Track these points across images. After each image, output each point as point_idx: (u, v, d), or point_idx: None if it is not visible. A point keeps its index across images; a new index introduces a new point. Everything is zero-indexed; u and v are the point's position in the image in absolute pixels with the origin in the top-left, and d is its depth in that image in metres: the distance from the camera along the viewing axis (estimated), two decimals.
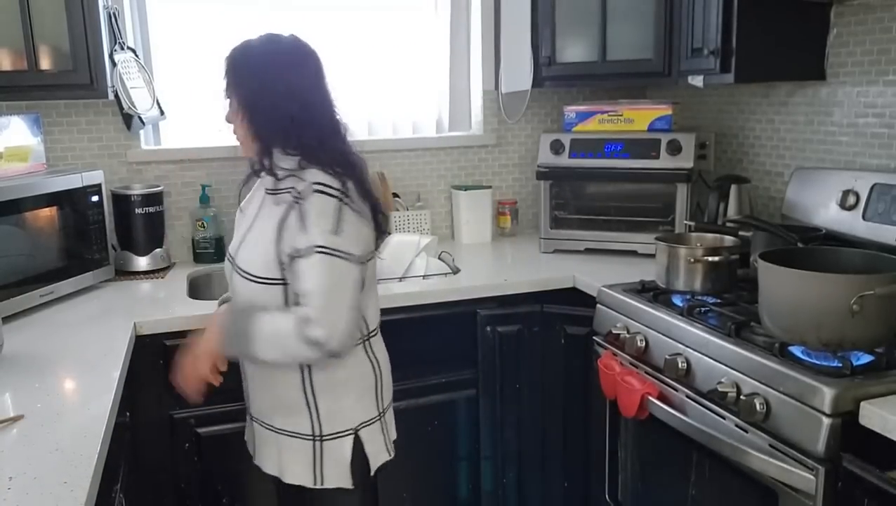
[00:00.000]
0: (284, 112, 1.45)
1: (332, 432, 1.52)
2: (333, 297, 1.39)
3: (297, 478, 1.54)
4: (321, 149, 1.46)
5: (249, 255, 1.50)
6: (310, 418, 1.51)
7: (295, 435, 1.53)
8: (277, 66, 1.47)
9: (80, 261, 2.04)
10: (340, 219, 1.41)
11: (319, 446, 1.52)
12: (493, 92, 2.74)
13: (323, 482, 1.53)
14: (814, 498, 1.31)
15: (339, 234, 1.40)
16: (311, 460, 1.53)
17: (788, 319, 1.44)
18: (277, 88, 1.45)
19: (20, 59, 1.97)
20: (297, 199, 1.43)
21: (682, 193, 2.26)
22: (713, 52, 2.01)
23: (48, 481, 1.05)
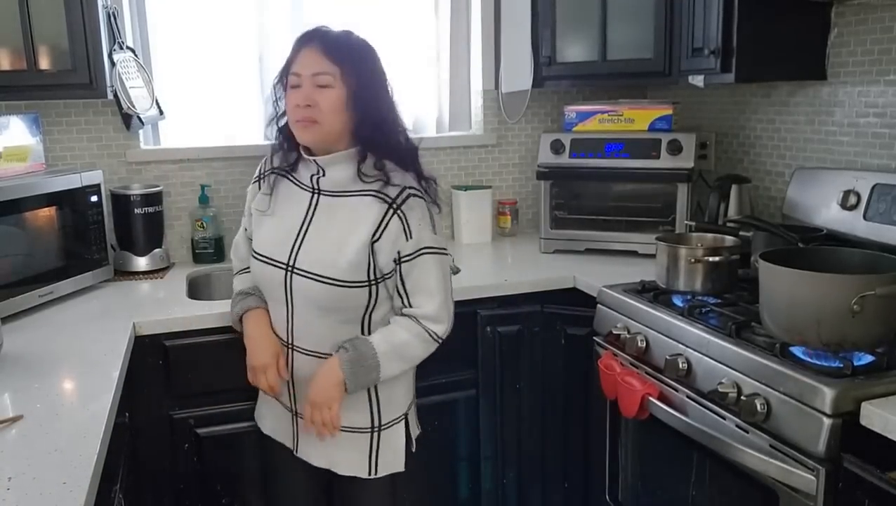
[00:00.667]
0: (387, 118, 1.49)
1: (388, 420, 1.57)
2: (446, 292, 1.52)
3: (351, 470, 1.57)
4: (400, 149, 1.51)
5: (329, 259, 1.46)
6: (370, 411, 1.55)
7: (352, 430, 1.55)
8: (384, 71, 1.52)
9: (80, 261, 2.04)
10: (433, 218, 1.51)
11: (377, 436, 1.57)
12: (493, 92, 2.74)
13: (377, 471, 1.57)
14: (814, 499, 1.31)
15: (437, 232, 1.50)
16: (368, 452, 1.56)
17: (789, 319, 1.44)
18: (389, 96, 1.51)
19: (19, 58, 1.97)
20: (393, 204, 1.45)
21: (683, 193, 2.26)
22: (714, 52, 2.00)
23: (48, 482, 1.05)
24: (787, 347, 1.45)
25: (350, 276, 1.45)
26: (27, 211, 1.90)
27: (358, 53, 1.48)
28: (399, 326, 1.49)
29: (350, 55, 1.45)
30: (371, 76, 1.47)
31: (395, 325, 1.50)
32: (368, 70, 1.47)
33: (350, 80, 1.43)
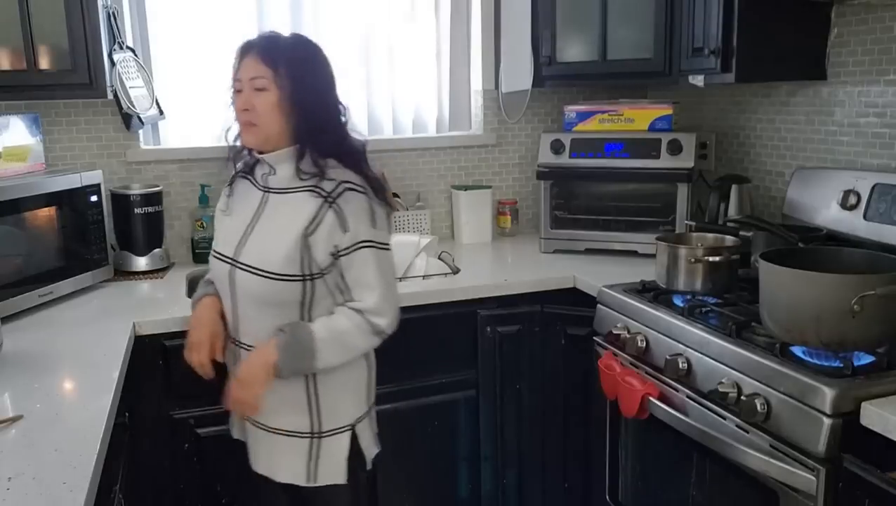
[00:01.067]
0: (328, 118, 1.52)
1: (330, 428, 1.54)
2: (388, 286, 1.51)
3: (289, 476, 1.56)
4: (344, 150, 1.52)
5: (265, 253, 1.49)
6: (310, 416, 1.53)
7: (291, 434, 1.54)
8: (328, 72, 1.54)
9: (80, 261, 2.04)
10: (374, 212, 1.49)
11: (317, 443, 1.54)
12: (493, 92, 2.74)
13: (316, 480, 1.55)
14: (814, 498, 1.31)
15: (378, 227, 1.49)
16: (307, 458, 1.54)
17: (789, 319, 1.44)
18: (330, 96, 1.53)
19: (19, 58, 1.97)
20: (328, 198, 1.46)
21: (683, 193, 2.26)
22: (714, 52, 2.00)
23: (48, 482, 1.05)
24: (788, 347, 1.45)
25: (284, 269, 1.47)
26: (27, 211, 1.90)
27: (294, 56, 1.50)
28: (341, 314, 1.49)
29: (285, 58, 1.48)
30: (308, 77, 1.50)
31: (337, 314, 1.50)
32: (305, 71, 1.50)
33: (284, 81, 1.47)
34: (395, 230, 2.62)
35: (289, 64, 1.48)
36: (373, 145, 2.62)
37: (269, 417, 1.55)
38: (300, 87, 1.48)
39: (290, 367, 1.46)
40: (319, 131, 1.51)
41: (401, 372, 2.08)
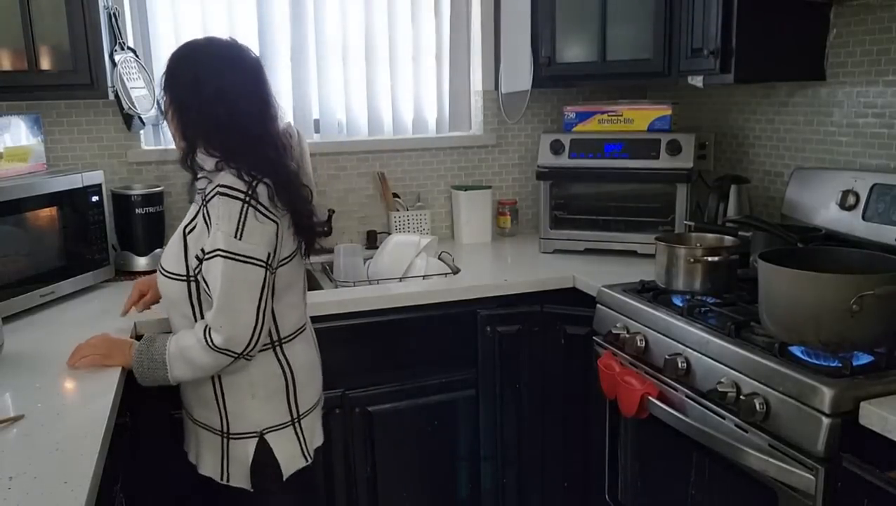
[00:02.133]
0: (210, 114, 1.45)
1: (237, 431, 1.56)
2: (231, 300, 1.41)
3: (207, 470, 1.60)
4: (241, 153, 1.45)
5: (166, 251, 1.57)
6: (219, 414, 1.56)
7: (208, 428, 1.58)
8: (210, 69, 1.47)
9: (81, 261, 2.04)
10: (244, 222, 1.41)
11: (227, 443, 1.57)
12: (493, 92, 2.74)
13: (229, 479, 1.58)
14: (813, 498, 1.31)
15: (242, 237, 1.40)
16: (220, 456, 1.58)
17: (788, 319, 1.45)
18: (206, 91, 1.45)
19: (20, 59, 1.98)
20: (203, 199, 1.45)
21: (682, 193, 2.26)
22: (713, 53, 2.01)
23: (48, 481, 1.05)
24: (787, 347, 1.46)
25: (173, 267, 1.51)
26: (28, 211, 1.90)
27: (177, 62, 1.50)
28: (193, 329, 1.47)
29: (169, 65, 1.50)
30: (189, 82, 1.47)
31: (193, 328, 1.49)
32: (184, 76, 1.48)
33: (170, 89, 1.49)
34: (395, 230, 2.62)
35: (168, 84, 1.49)
36: (373, 145, 2.67)
37: (193, 407, 1.61)
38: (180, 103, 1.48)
39: (143, 376, 1.50)
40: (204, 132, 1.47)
41: (401, 372, 2.08)
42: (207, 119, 1.46)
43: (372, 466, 2.09)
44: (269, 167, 1.47)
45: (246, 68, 1.51)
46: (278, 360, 1.56)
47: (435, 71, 2.74)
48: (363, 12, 2.60)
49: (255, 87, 1.51)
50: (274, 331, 1.54)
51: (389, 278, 2.21)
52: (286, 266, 1.53)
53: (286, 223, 1.50)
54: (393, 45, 2.66)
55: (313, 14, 2.54)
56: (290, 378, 1.58)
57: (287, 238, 1.51)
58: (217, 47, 1.51)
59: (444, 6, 2.69)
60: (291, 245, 1.54)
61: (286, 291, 1.55)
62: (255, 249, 1.42)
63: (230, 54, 1.51)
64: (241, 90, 1.48)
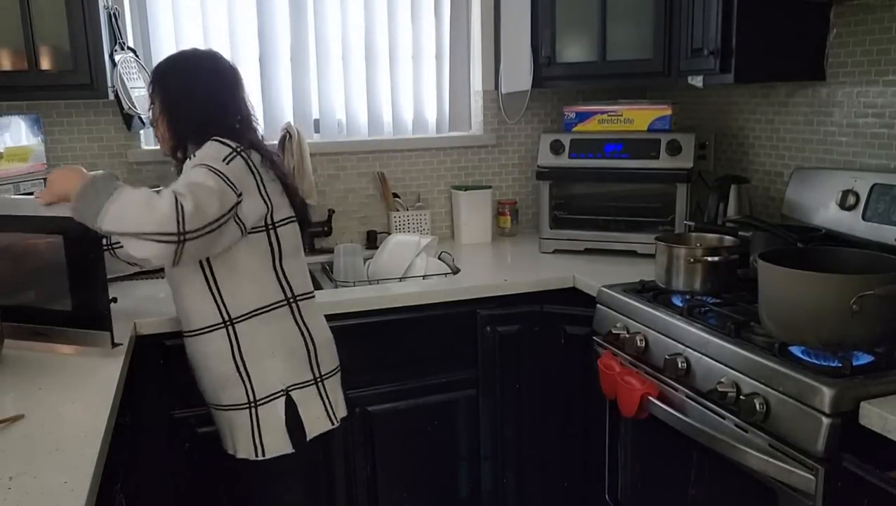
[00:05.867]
0: (202, 114, 1.60)
1: (263, 395, 1.60)
2: (202, 190, 1.45)
3: (243, 451, 1.63)
4: (230, 134, 1.59)
5: None
6: (244, 385, 1.60)
7: (237, 407, 1.61)
8: (198, 75, 1.64)
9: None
10: (231, 160, 1.53)
11: (255, 412, 1.60)
12: (493, 92, 2.74)
13: (264, 453, 1.61)
14: (813, 498, 1.31)
15: (228, 165, 1.51)
16: (251, 430, 1.61)
17: (788, 319, 1.45)
18: (197, 94, 1.62)
19: (20, 59, 1.98)
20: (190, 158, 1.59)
21: (682, 193, 2.27)
22: (713, 53, 2.01)
23: (48, 481, 1.05)
24: (787, 347, 1.46)
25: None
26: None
27: (165, 70, 1.66)
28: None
29: (157, 74, 1.66)
30: (173, 87, 1.63)
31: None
32: (170, 83, 1.64)
33: (156, 96, 1.65)
34: (395, 230, 2.62)
35: (156, 81, 1.66)
36: (373, 145, 2.67)
37: (218, 394, 1.64)
38: (168, 99, 1.64)
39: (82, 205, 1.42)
40: (197, 130, 1.60)
41: (401, 372, 2.08)
42: (200, 118, 1.60)
43: (372, 466, 2.09)
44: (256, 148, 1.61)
45: (227, 74, 1.67)
46: (294, 317, 1.64)
47: (435, 71, 2.74)
48: (363, 12, 2.59)
49: (235, 89, 1.67)
50: (288, 288, 1.64)
51: (389, 278, 2.21)
52: (286, 227, 1.63)
53: (278, 189, 1.61)
54: (393, 45, 2.66)
55: (313, 14, 2.54)
56: (309, 336, 1.65)
57: (280, 203, 1.61)
58: (198, 56, 1.68)
59: (444, 6, 2.69)
60: (287, 211, 1.64)
61: (294, 255, 1.66)
62: (234, 178, 1.51)
63: (211, 61, 1.68)
64: (225, 92, 1.65)
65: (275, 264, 1.61)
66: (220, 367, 1.61)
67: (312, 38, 2.56)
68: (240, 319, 1.60)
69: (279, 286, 1.62)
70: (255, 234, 1.58)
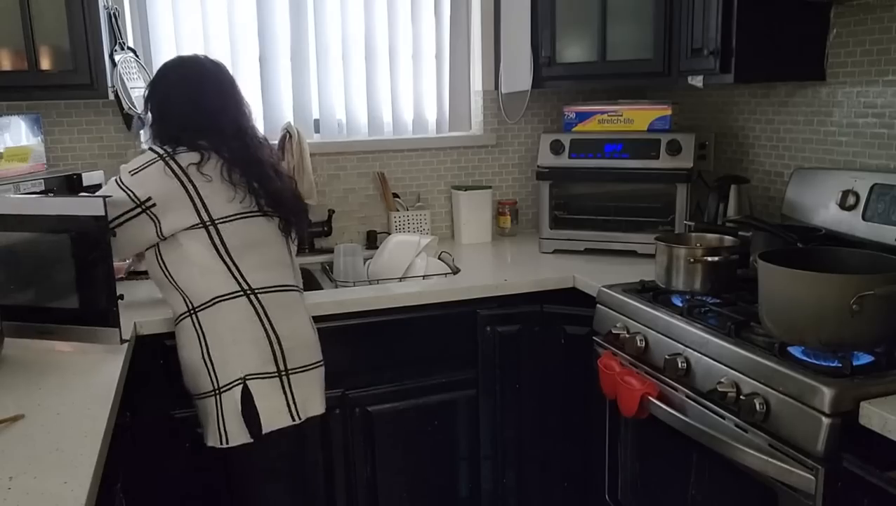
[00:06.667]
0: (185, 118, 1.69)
1: (225, 383, 1.63)
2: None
3: (211, 439, 1.66)
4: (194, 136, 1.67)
5: None
6: (208, 373, 1.63)
7: (205, 395, 1.66)
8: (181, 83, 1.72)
9: None
10: (144, 168, 1.63)
11: (220, 400, 1.63)
12: (493, 92, 2.74)
13: (228, 441, 1.63)
14: (813, 498, 1.31)
15: (133, 175, 1.63)
16: (216, 418, 1.64)
17: (788, 319, 1.45)
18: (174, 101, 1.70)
19: (20, 59, 1.98)
20: None
21: (682, 193, 2.27)
22: (713, 53, 2.01)
23: (48, 481, 1.05)
24: (786, 347, 1.46)
25: None
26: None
27: (151, 81, 1.77)
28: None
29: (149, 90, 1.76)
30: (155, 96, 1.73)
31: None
32: (159, 91, 1.73)
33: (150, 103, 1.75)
34: (395, 230, 2.62)
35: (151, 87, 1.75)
36: (373, 146, 2.67)
37: (191, 383, 1.69)
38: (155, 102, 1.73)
39: None
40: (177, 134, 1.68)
41: (401, 372, 2.08)
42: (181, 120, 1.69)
43: (372, 466, 2.09)
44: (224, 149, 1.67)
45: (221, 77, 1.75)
46: (253, 306, 1.65)
47: (435, 71, 2.74)
48: (363, 12, 2.59)
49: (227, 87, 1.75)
50: (243, 281, 1.66)
51: (389, 278, 2.21)
52: (233, 224, 1.66)
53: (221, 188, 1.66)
54: (393, 45, 2.66)
55: (313, 14, 2.54)
56: (271, 329, 1.66)
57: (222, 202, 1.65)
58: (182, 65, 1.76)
59: (444, 6, 2.69)
60: (234, 208, 1.67)
61: (250, 249, 1.69)
62: (137, 187, 1.62)
63: (196, 66, 1.75)
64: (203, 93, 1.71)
65: (222, 257, 1.65)
66: (190, 355, 1.67)
67: (312, 38, 2.56)
68: (201, 307, 1.65)
69: (232, 277, 1.66)
70: (194, 229, 1.64)
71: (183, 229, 1.64)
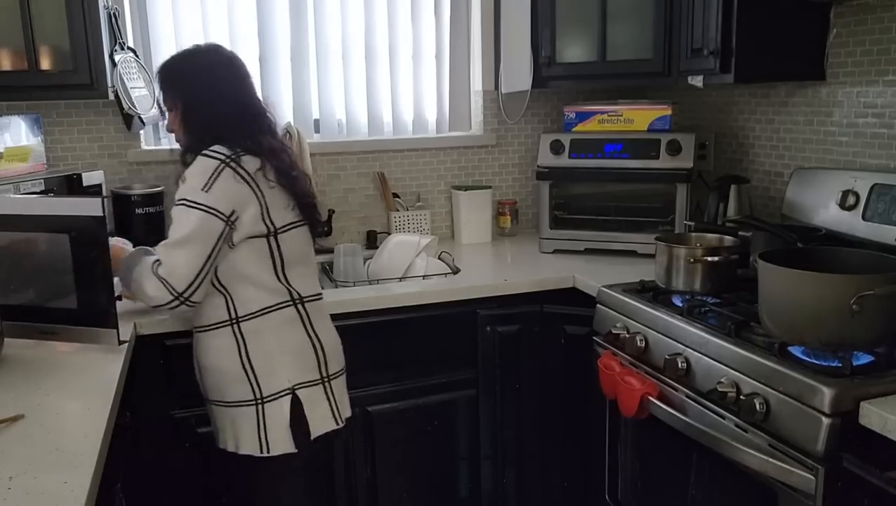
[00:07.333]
0: (218, 112, 1.61)
1: (270, 393, 1.61)
2: (183, 241, 1.52)
3: (247, 447, 1.62)
4: (242, 137, 1.60)
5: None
6: (249, 382, 1.60)
7: (243, 403, 1.61)
8: (206, 74, 1.64)
9: None
10: (214, 178, 1.53)
11: (262, 409, 1.61)
12: (493, 92, 2.74)
13: (269, 449, 1.61)
14: (813, 498, 1.31)
15: (209, 190, 1.52)
16: (256, 426, 1.61)
17: (788, 319, 1.45)
18: (209, 94, 1.62)
19: (21, 59, 1.98)
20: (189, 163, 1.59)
21: (682, 193, 2.27)
22: (713, 53, 2.01)
23: (48, 481, 1.05)
24: (786, 347, 1.46)
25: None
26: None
27: (172, 74, 1.66)
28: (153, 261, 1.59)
29: (167, 80, 1.66)
30: (185, 89, 1.64)
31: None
32: (185, 83, 1.64)
33: (176, 100, 1.65)
34: (395, 230, 2.62)
35: (172, 83, 1.66)
36: (373, 146, 2.67)
37: (223, 390, 1.63)
38: (189, 100, 1.63)
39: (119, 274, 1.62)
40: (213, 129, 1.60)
41: (401, 372, 2.08)
42: (216, 117, 1.60)
43: (372, 466, 2.09)
44: (269, 148, 1.61)
45: (232, 67, 1.67)
46: (300, 315, 1.64)
47: (435, 71, 2.74)
48: (363, 12, 2.60)
49: (243, 79, 1.67)
50: (294, 291, 1.64)
51: (389, 278, 2.21)
52: (290, 233, 1.63)
53: (280, 194, 1.61)
54: (393, 45, 2.66)
55: (313, 14, 2.54)
56: (316, 337, 1.66)
57: (281, 209, 1.61)
58: (199, 55, 1.68)
59: (444, 6, 2.69)
60: (291, 216, 1.63)
61: (300, 260, 1.67)
62: (219, 202, 1.53)
63: (214, 56, 1.68)
64: (234, 85, 1.65)
65: (276, 267, 1.61)
66: (226, 363, 1.62)
67: (312, 38, 2.56)
68: (246, 317, 1.61)
69: (284, 289, 1.63)
70: (256, 239, 1.59)
71: (247, 238, 1.58)
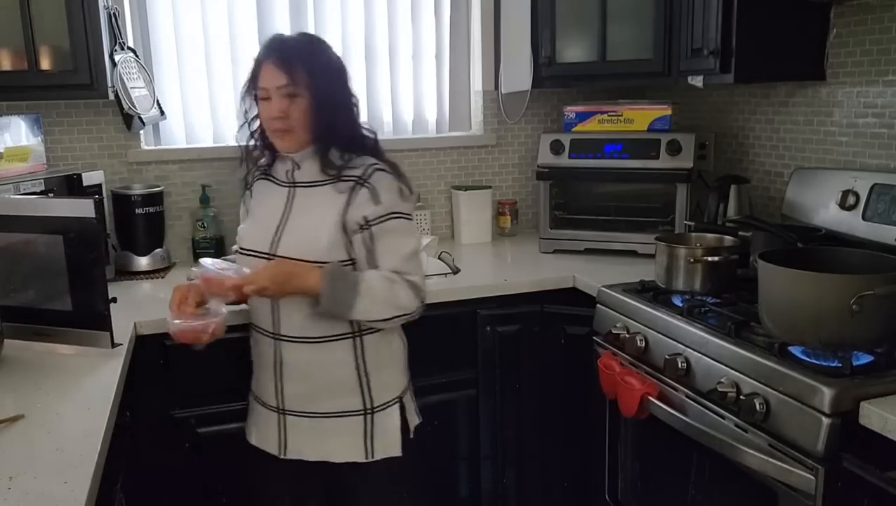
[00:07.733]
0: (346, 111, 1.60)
1: (381, 403, 1.62)
2: (416, 262, 1.60)
3: (347, 456, 1.61)
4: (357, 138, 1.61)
5: (308, 242, 1.54)
6: (361, 394, 1.60)
7: (344, 414, 1.60)
8: (340, 67, 1.60)
9: None
10: (401, 188, 1.57)
11: (370, 419, 1.61)
12: (493, 92, 2.74)
13: (373, 455, 1.62)
14: (813, 498, 1.31)
15: (404, 200, 1.58)
16: (363, 435, 1.61)
17: (788, 319, 1.45)
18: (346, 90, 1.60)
19: (20, 59, 1.98)
20: (359, 180, 1.55)
21: (682, 193, 2.27)
22: (713, 53, 2.01)
23: (48, 481, 1.05)
24: (786, 347, 1.46)
25: (330, 255, 1.52)
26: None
27: (312, 58, 1.55)
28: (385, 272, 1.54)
29: (304, 63, 1.52)
30: (327, 76, 1.55)
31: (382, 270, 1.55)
32: (323, 71, 1.55)
33: (310, 87, 1.52)
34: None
35: (309, 68, 1.52)
36: None
37: (318, 402, 1.60)
38: (324, 89, 1.53)
39: (333, 296, 1.47)
40: (342, 126, 1.58)
41: None
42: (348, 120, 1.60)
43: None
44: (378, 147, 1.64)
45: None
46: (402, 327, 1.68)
47: (435, 71, 2.74)
48: (363, 12, 2.59)
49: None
50: None
51: None
52: None
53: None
54: (393, 45, 2.66)
55: (313, 14, 2.54)
56: (402, 341, 1.72)
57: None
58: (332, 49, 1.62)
59: (444, 6, 2.69)
60: None
61: None
62: (412, 209, 1.62)
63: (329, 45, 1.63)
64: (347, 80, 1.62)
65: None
66: (340, 374, 1.59)
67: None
68: (367, 330, 1.60)
69: None
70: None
71: None
